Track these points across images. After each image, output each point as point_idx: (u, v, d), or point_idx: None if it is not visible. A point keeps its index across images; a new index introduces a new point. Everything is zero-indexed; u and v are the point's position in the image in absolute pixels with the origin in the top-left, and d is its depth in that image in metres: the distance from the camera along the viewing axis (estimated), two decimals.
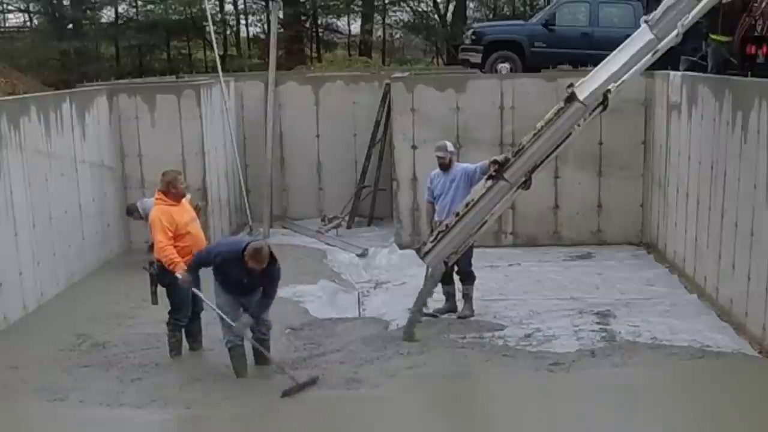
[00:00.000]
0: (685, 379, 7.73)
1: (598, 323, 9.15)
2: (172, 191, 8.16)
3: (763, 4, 10.41)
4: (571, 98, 8.80)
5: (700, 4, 8.90)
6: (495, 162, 8.91)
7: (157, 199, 8.25)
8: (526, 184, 8.96)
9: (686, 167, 10.71)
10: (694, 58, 11.57)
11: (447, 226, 9.00)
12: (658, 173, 12.23)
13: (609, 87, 8.76)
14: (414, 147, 12.79)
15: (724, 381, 7.61)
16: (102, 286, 10.91)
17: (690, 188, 10.55)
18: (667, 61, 12.27)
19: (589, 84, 8.86)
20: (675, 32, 8.87)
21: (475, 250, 11.91)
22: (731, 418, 6.85)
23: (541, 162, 8.95)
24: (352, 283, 11.34)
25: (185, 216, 8.20)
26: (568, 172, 12.87)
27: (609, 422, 6.90)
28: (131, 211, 11.96)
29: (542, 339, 8.69)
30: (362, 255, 12.63)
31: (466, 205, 8.97)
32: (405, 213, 13.00)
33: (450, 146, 9.75)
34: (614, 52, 9.08)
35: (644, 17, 9.23)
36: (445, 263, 9.13)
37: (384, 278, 11.49)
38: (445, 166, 9.61)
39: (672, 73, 11.72)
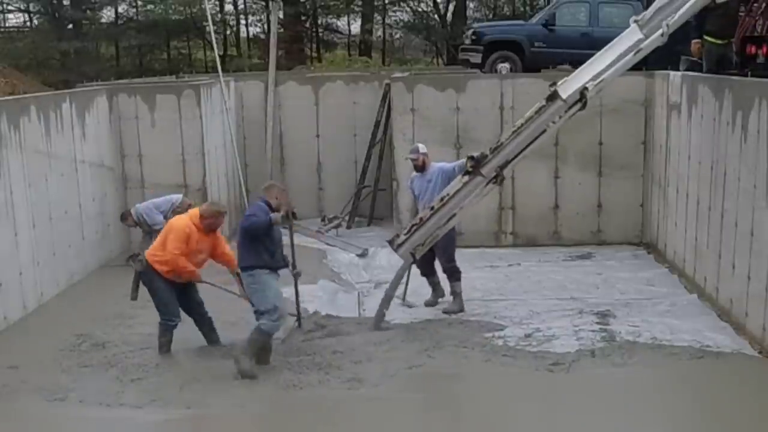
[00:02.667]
0: (685, 379, 7.72)
1: (598, 323, 9.15)
2: (205, 221, 8.06)
3: (764, 5, 10.40)
4: (553, 96, 8.79)
5: (688, 4, 8.88)
6: (471, 158, 9.01)
7: (191, 215, 8.16)
8: (497, 179, 9.04)
9: (686, 167, 10.71)
10: (694, 58, 11.57)
11: (421, 219, 9.10)
12: (658, 173, 12.22)
13: (586, 85, 8.75)
14: None
15: (724, 381, 7.61)
16: (102, 286, 10.90)
17: (690, 188, 10.55)
18: (668, 61, 12.32)
19: (572, 83, 8.85)
20: (660, 32, 8.84)
21: (475, 250, 12.07)
22: (731, 418, 6.85)
23: (513, 158, 9.00)
24: (352, 283, 11.33)
25: (202, 245, 8.10)
26: (568, 172, 12.87)
27: (609, 422, 6.90)
28: (125, 217, 11.98)
29: (542, 339, 8.69)
30: (362, 255, 12.62)
31: (441, 199, 9.05)
32: (405, 213, 12.95)
33: (422, 148, 9.92)
34: (600, 52, 9.06)
35: (634, 17, 9.21)
36: (413, 255, 9.24)
37: (384, 278, 11.41)
38: (419, 168, 9.82)
39: (672, 73, 11.71)
